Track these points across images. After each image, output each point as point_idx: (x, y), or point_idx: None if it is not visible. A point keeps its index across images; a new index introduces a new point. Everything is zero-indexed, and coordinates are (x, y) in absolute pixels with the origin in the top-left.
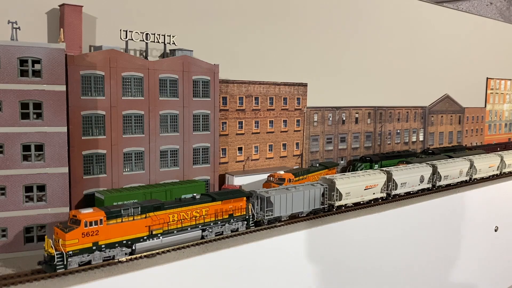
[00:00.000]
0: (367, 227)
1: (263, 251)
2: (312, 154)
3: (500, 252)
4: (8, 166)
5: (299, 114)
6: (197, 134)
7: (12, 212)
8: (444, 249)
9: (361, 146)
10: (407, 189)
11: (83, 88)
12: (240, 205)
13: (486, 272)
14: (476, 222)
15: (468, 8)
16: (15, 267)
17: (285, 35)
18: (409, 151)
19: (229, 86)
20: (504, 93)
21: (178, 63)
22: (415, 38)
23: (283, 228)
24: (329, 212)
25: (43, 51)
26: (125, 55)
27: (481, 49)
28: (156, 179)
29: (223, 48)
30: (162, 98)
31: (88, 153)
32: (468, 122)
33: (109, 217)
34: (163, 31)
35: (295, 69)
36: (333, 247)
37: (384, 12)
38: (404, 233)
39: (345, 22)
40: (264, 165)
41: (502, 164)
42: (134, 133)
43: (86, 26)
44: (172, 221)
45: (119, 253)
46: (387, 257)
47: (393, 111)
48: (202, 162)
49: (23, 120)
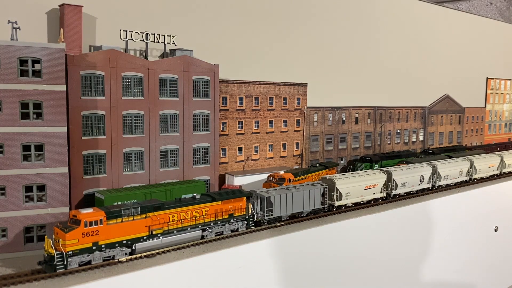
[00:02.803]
0: (367, 227)
1: (263, 251)
2: (312, 154)
3: (500, 252)
4: (8, 166)
5: (299, 114)
6: (197, 134)
7: (12, 212)
8: (444, 249)
9: (361, 146)
10: (407, 189)
11: (83, 88)
12: (240, 205)
13: (486, 272)
14: (476, 222)
15: (468, 8)
16: (15, 267)
17: (285, 35)
18: (409, 151)
19: (229, 86)
20: (504, 93)
21: (178, 63)
22: (415, 38)
23: (283, 228)
24: (329, 212)
25: (43, 51)
26: (125, 55)
27: (481, 49)
28: (156, 179)
29: (223, 48)
30: (162, 98)
31: (88, 153)
32: (468, 122)
33: (109, 217)
34: (163, 31)
35: (295, 69)
36: (333, 247)
37: (384, 12)
38: (404, 233)
39: (345, 22)
40: (264, 165)
41: (502, 164)
42: (134, 133)
43: (86, 26)
44: (172, 221)
45: (119, 253)
46: (387, 257)
47: (393, 111)
48: (202, 162)
49: (23, 120)
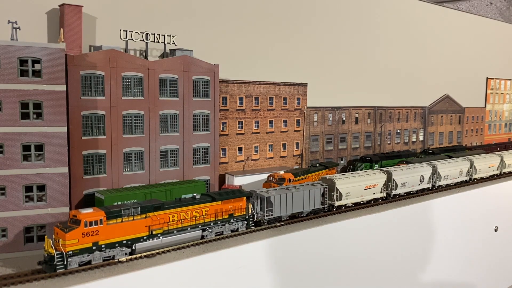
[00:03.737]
0: (367, 227)
1: (263, 251)
2: (312, 154)
3: (500, 252)
4: (8, 166)
5: (299, 114)
6: (197, 134)
7: (12, 212)
8: (444, 249)
9: (361, 146)
10: (407, 189)
11: (83, 88)
12: (240, 205)
13: (486, 272)
14: (476, 222)
15: (468, 8)
16: (15, 267)
17: (285, 35)
18: (409, 151)
19: (229, 86)
20: (504, 93)
21: (178, 63)
22: (415, 38)
23: (283, 228)
24: (329, 212)
25: (43, 51)
26: (125, 55)
27: (481, 49)
28: (156, 179)
29: (223, 48)
30: (162, 98)
31: (88, 153)
32: (468, 122)
33: (109, 217)
34: (163, 31)
35: (295, 69)
36: (333, 247)
37: (384, 12)
38: (404, 233)
39: (345, 22)
40: (264, 165)
41: (502, 164)
42: (134, 133)
43: (86, 26)
44: (172, 221)
45: (119, 253)
46: (387, 257)
47: (393, 111)
48: (202, 162)
49: (23, 120)
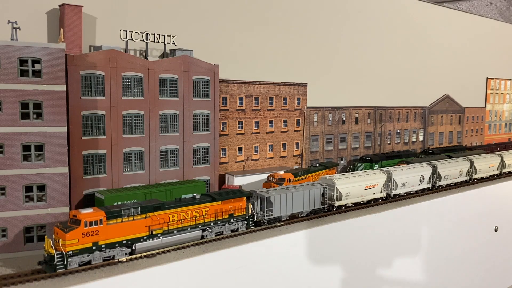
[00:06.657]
0: (367, 227)
1: (263, 251)
2: (312, 154)
3: (500, 252)
4: (8, 166)
5: (299, 114)
6: (197, 134)
7: (12, 212)
8: (444, 249)
9: (361, 146)
10: (407, 189)
11: (83, 88)
12: (240, 205)
13: (486, 272)
14: (476, 222)
15: (468, 8)
16: (15, 267)
17: (285, 35)
18: (409, 151)
19: (229, 86)
20: (504, 93)
21: (178, 63)
22: (415, 38)
23: (283, 228)
24: (329, 212)
25: (43, 51)
26: (125, 55)
27: (481, 49)
28: (156, 179)
29: (223, 48)
30: (162, 98)
31: (88, 153)
32: (468, 122)
33: (109, 217)
34: (163, 31)
35: (295, 69)
36: (333, 247)
37: (384, 12)
38: (404, 233)
39: (345, 22)
40: (264, 165)
41: (502, 164)
42: (134, 133)
43: (86, 26)
44: (172, 221)
45: (119, 253)
46: (387, 257)
47: (393, 111)
48: (202, 162)
49: (23, 120)
